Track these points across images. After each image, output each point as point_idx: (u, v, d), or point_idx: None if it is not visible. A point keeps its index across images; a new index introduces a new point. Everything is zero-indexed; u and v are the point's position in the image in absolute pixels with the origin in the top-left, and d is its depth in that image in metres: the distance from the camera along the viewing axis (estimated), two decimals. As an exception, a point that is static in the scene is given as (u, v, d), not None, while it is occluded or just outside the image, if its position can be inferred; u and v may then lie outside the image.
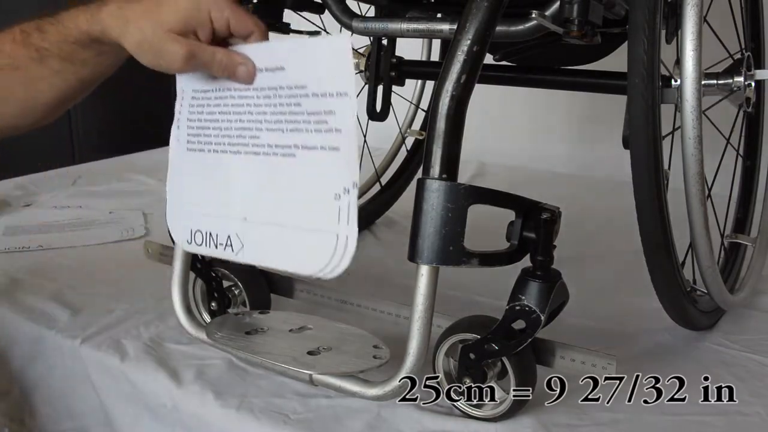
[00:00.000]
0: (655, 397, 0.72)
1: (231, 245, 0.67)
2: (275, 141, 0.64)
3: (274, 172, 0.64)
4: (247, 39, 0.66)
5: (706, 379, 0.76)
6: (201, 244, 0.69)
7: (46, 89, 0.69)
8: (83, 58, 0.67)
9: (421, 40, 1.44)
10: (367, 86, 1.15)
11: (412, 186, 0.61)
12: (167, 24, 0.63)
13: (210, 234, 0.68)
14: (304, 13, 0.95)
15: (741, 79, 0.79)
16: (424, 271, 0.59)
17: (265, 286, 0.83)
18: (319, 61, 0.61)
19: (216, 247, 0.68)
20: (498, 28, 0.65)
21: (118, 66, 0.70)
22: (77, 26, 0.65)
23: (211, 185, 0.69)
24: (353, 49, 1.20)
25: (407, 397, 0.70)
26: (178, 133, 0.71)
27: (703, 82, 0.68)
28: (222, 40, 0.66)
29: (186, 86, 0.70)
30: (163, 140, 0.74)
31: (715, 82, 0.79)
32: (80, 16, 0.65)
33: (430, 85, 1.38)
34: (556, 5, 0.66)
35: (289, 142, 0.63)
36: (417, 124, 1.44)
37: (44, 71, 0.67)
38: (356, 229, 0.59)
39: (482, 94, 0.71)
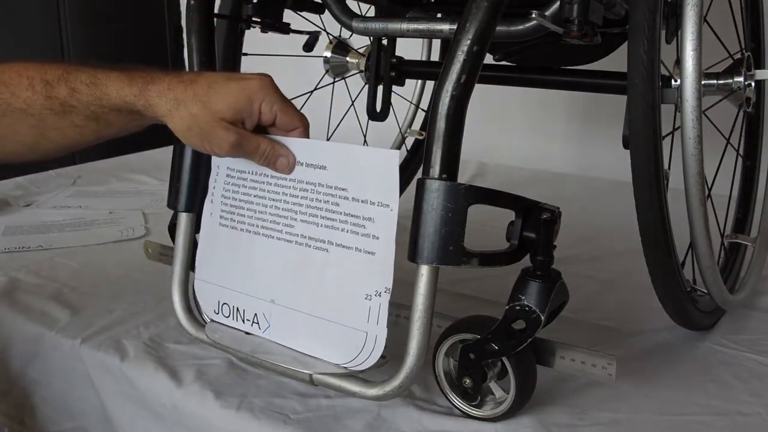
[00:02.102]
0: (654, 397, 0.72)
1: (258, 323, 0.70)
2: (309, 233, 0.66)
3: (305, 262, 0.66)
4: (290, 133, 0.67)
5: (706, 379, 0.76)
6: (228, 317, 0.72)
7: (59, 138, 0.67)
8: (111, 121, 0.66)
9: (421, 40, 1.44)
10: (367, 86, 1.15)
11: (412, 186, 0.61)
12: (219, 112, 0.63)
13: (237, 309, 0.71)
14: (304, 13, 0.95)
15: (741, 79, 0.79)
16: (424, 271, 0.59)
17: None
18: (364, 169, 0.63)
19: (243, 322, 0.71)
20: (498, 28, 0.65)
21: (141, 129, 0.70)
22: (120, 96, 0.64)
23: (242, 263, 0.71)
24: (353, 49, 1.20)
25: (407, 397, 0.70)
26: (211, 207, 0.73)
27: (703, 82, 0.68)
28: (265, 128, 0.67)
29: (221, 163, 0.72)
30: (163, 140, 0.74)
31: (715, 82, 0.79)
32: (125, 88, 0.64)
33: (430, 85, 1.38)
34: (556, 5, 0.66)
35: (323, 236, 0.65)
36: (417, 124, 1.44)
37: (62, 123, 0.66)
38: (385, 330, 0.61)
39: (482, 94, 0.71)
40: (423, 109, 1.43)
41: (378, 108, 1.14)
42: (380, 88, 1.14)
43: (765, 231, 1.02)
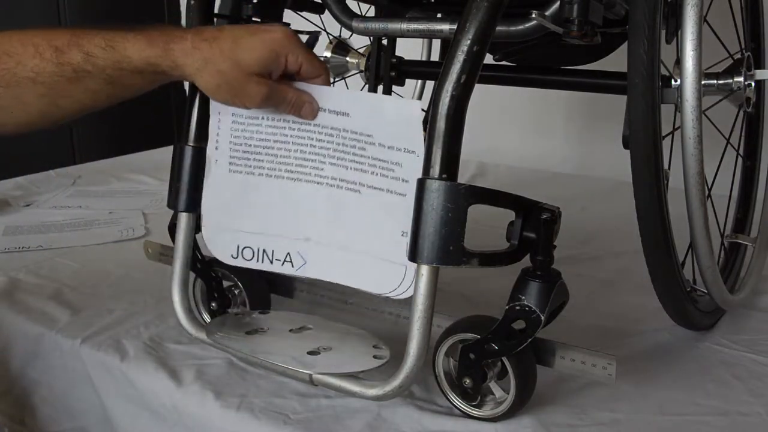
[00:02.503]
0: (654, 397, 0.72)
1: (291, 261, 0.71)
2: (339, 175, 0.68)
3: (338, 203, 0.68)
4: (313, 80, 0.68)
5: (706, 379, 0.76)
6: (251, 260, 0.73)
7: (68, 104, 0.66)
8: (128, 83, 0.66)
9: (421, 40, 1.44)
10: (367, 86, 1.15)
11: (412, 186, 0.61)
12: (248, 67, 0.64)
13: (264, 251, 0.72)
14: (304, 13, 0.95)
15: (741, 79, 0.79)
16: (424, 271, 0.59)
17: (265, 286, 0.82)
18: (388, 117, 0.64)
19: (271, 262, 0.72)
20: (498, 28, 0.65)
21: (155, 87, 0.69)
22: (143, 58, 0.63)
23: (265, 206, 0.72)
24: (353, 49, 1.20)
25: (407, 397, 0.70)
26: (216, 153, 0.73)
27: (703, 82, 0.68)
28: (289, 76, 0.68)
29: (223, 109, 0.71)
30: (163, 140, 0.74)
31: (715, 82, 0.79)
32: (147, 49, 0.63)
33: (430, 85, 1.38)
34: (556, 5, 0.66)
35: (353, 179, 0.67)
36: (417, 124, 1.43)
37: (75, 90, 0.64)
38: None
39: (482, 94, 0.71)
40: (423, 109, 1.43)
41: (378, 108, 1.14)
42: (380, 88, 1.14)
43: (765, 231, 1.02)
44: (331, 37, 1.15)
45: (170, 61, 0.64)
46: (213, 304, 0.81)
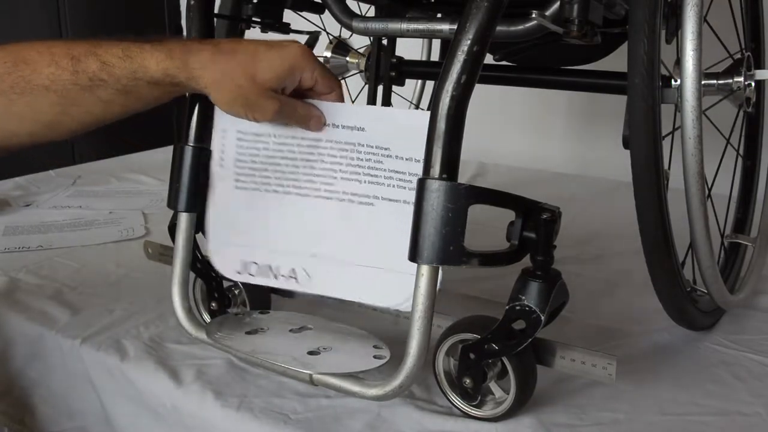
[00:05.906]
0: (654, 397, 0.72)
1: (295, 277, 0.71)
2: (351, 189, 0.68)
3: (348, 217, 0.69)
4: (326, 96, 0.69)
5: (706, 379, 0.76)
6: (256, 275, 0.73)
7: (79, 114, 0.66)
8: (144, 95, 0.66)
9: (421, 40, 1.44)
10: (367, 86, 1.15)
11: (413, 186, 0.61)
12: (265, 82, 0.65)
13: (269, 266, 0.72)
14: (304, 13, 0.95)
15: (741, 79, 0.79)
16: (424, 271, 0.59)
17: (266, 286, 0.82)
18: (405, 129, 0.65)
19: (276, 278, 0.72)
20: (498, 28, 0.65)
21: (169, 100, 0.70)
22: (161, 69, 0.63)
23: (271, 222, 0.72)
24: (353, 49, 1.20)
25: (407, 397, 0.70)
26: (221, 171, 0.74)
27: (703, 82, 0.68)
28: (302, 91, 0.69)
29: (229, 126, 0.73)
30: (163, 140, 0.74)
31: (715, 82, 0.79)
32: (166, 60, 0.63)
33: (430, 85, 1.38)
34: (556, 5, 0.66)
35: (367, 192, 0.67)
36: (417, 124, 1.43)
37: (88, 99, 0.64)
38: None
39: (482, 94, 0.71)
40: (423, 110, 1.43)
41: (378, 108, 1.14)
42: (380, 88, 1.14)
43: (765, 231, 1.02)
44: (331, 37, 1.15)
45: (188, 73, 0.64)
46: (213, 304, 0.81)
